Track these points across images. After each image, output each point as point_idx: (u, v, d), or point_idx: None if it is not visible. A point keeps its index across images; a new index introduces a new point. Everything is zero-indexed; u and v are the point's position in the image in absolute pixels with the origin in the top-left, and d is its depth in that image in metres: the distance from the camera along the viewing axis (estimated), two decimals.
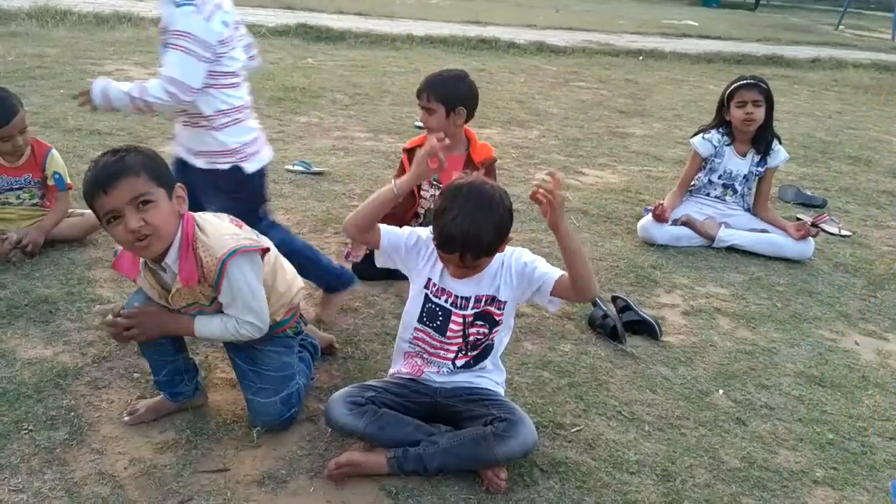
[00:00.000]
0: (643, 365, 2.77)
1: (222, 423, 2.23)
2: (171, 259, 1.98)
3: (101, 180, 1.84)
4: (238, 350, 2.21)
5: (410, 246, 2.15)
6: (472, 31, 10.91)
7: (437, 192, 3.10)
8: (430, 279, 2.14)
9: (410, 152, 3.34)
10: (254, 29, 9.31)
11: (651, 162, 5.50)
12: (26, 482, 1.92)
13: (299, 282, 2.33)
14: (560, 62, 9.68)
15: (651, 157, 5.64)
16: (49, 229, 3.19)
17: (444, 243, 1.98)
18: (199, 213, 2.08)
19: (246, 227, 2.13)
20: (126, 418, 2.17)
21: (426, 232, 2.15)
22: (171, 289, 2.03)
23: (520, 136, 5.89)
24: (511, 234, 2.06)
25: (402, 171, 3.38)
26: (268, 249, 2.13)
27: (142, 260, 2.03)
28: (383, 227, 2.14)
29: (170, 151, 2.71)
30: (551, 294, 2.10)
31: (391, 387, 2.19)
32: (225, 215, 2.14)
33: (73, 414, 2.19)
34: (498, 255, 2.11)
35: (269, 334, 2.17)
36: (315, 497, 1.97)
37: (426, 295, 2.15)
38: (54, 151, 3.33)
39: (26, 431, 2.10)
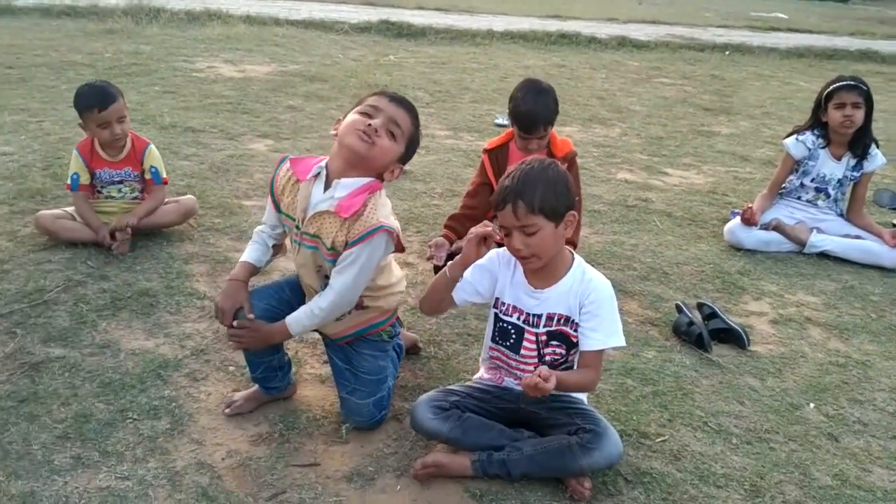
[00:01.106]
0: (730, 375, 2.72)
1: (312, 418, 2.30)
2: (344, 183, 2.09)
3: (395, 98, 2.13)
4: (336, 349, 2.29)
5: (478, 280, 2.15)
6: (553, 25, 10.82)
7: None
8: (498, 298, 2.15)
9: (491, 153, 3.36)
10: (336, 25, 9.55)
11: (738, 162, 5.36)
12: (131, 470, 2.03)
13: (401, 286, 2.38)
14: (642, 57, 9.51)
15: (738, 157, 5.49)
16: (142, 216, 3.33)
17: (499, 200, 1.98)
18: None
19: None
20: (226, 410, 2.27)
21: (487, 257, 2.13)
22: (311, 210, 2.11)
23: (601, 135, 5.82)
24: (574, 211, 2.01)
25: (482, 172, 3.40)
26: (403, 250, 2.23)
27: (314, 171, 2.14)
28: (454, 294, 2.15)
29: None
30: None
31: (474, 391, 2.22)
32: None
33: (173, 404, 2.30)
34: (576, 274, 2.09)
35: (365, 335, 2.23)
36: (402, 496, 2.01)
37: (496, 314, 2.17)
38: (152, 146, 3.48)
39: (131, 420, 2.22)
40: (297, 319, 2.17)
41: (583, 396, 2.25)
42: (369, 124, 2.03)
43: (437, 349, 2.73)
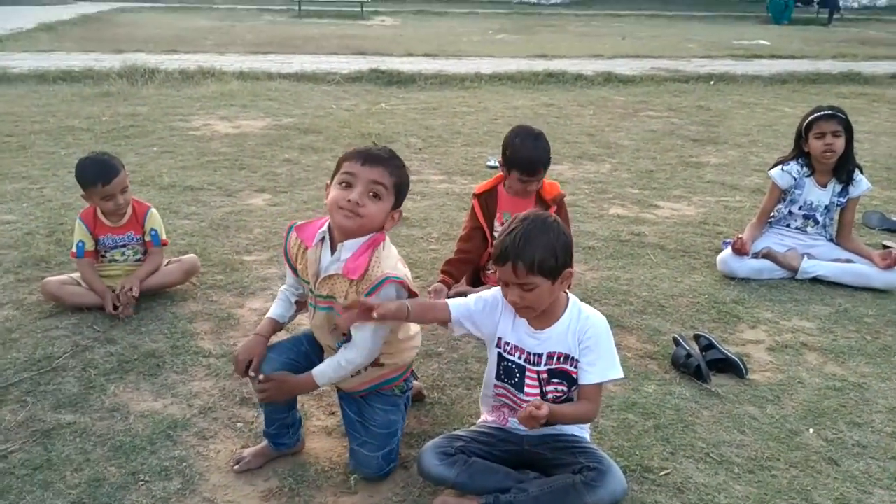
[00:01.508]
0: (730, 405, 2.76)
1: (321, 470, 2.34)
2: (348, 245, 2.16)
3: (368, 158, 2.15)
4: (350, 401, 2.36)
5: (479, 311, 2.22)
6: (539, 65, 11.02)
7: None
8: (500, 338, 2.21)
9: (480, 198, 3.47)
10: (328, 77, 9.73)
11: (728, 192, 5.46)
12: None
13: (417, 341, 2.45)
14: (629, 91, 9.68)
15: (727, 186, 5.59)
16: (142, 278, 3.41)
17: (498, 256, 2.05)
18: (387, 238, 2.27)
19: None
20: (235, 467, 2.31)
21: (491, 293, 2.23)
22: (321, 273, 2.20)
23: (591, 171, 5.93)
24: (571, 268, 2.08)
25: (472, 217, 3.49)
26: (416, 296, 2.28)
27: (318, 236, 2.22)
28: (450, 302, 2.23)
29: None
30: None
31: (479, 436, 2.26)
32: None
33: (184, 464, 2.35)
34: (573, 313, 2.16)
35: (378, 390, 2.30)
36: None
37: (499, 353, 2.23)
38: (153, 210, 3.57)
39: (143, 482, 2.26)
40: (323, 372, 2.24)
41: (586, 434, 2.30)
42: (349, 199, 2.10)
43: (441, 394, 2.78)
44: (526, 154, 3.25)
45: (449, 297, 3.30)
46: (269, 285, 3.64)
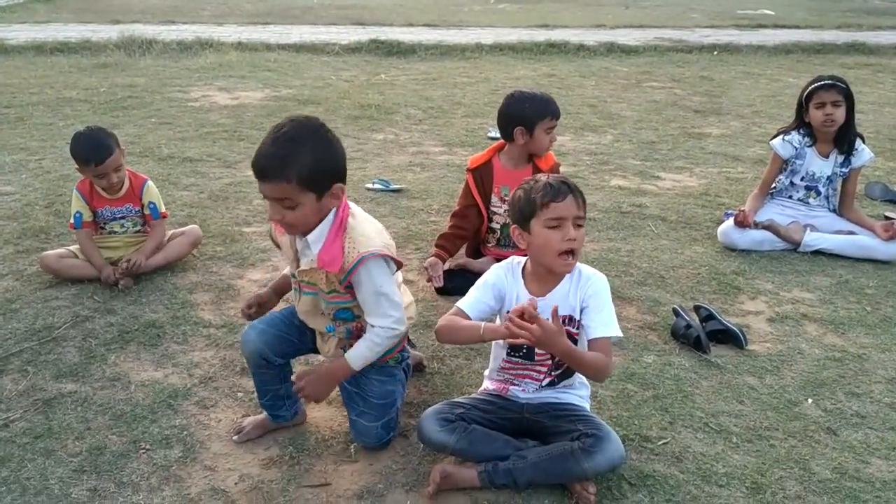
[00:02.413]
0: (729, 375, 2.77)
1: (321, 439, 2.36)
2: (313, 237, 2.13)
3: (258, 169, 2.02)
4: None
5: (491, 298, 2.21)
6: (541, 35, 10.91)
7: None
8: (507, 312, 2.21)
9: (475, 172, 3.43)
10: (327, 47, 9.65)
11: (730, 163, 5.42)
12: (147, 499, 2.08)
13: (411, 311, 2.44)
14: (631, 62, 9.59)
15: (729, 157, 5.56)
16: (149, 253, 3.40)
17: (557, 189, 2.07)
18: (355, 207, 2.22)
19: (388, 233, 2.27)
20: (234, 437, 2.33)
21: (491, 274, 2.24)
22: (300, 262, 2.20)
23: (593, 142, 5.89)
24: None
25: (467, 192, 3.46)
26: (401, 265, 2.25)
27: None
28: (464, 306, 2.19)
29: None
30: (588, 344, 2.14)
31: (479, 403, 2.27)
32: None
33: (185, 433, 2.36)
34: (573, 275, 2.16)
35: (375, 362, 2.29)
36: None
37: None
38: (150, 182, 3.55)
39: (144, 451, 2.27)
40: (358, 355, 2.19)
41: (586, 404, 2.30)
42: (272, 219, 2.14)
43: (441, 364, 2.79)
44: (546, 97, 3.28)
45: (447, 270, 3.33)
46: (269, 256, 3.64)
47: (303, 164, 1.97)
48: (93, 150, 3.27)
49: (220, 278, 3.43)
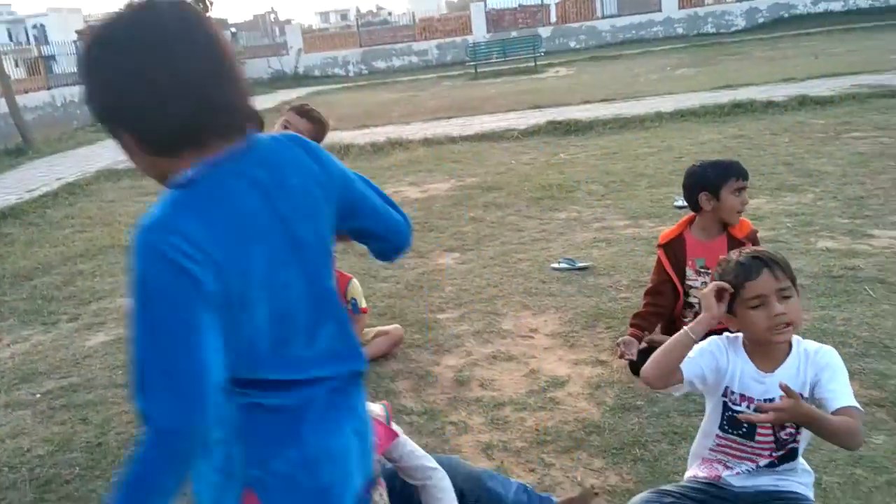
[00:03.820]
0: None
1: None
2: None
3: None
4: None
5: (707, 365, 2.10)
6: (724, 96, 10.58)
7: (706, 279, 3.07)
8: (727, 387, 2.09)
9: (667, 248, 3.34)
10: (507, 133, 9.98)
11: None
12: None
13: None
14: (827, 114, 8.99)
15: None
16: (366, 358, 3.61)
17: (748, 268, 1.96)
18: None
19: None
20: None
21: (713, 343, 2.11)
22: None
23: (793, 203, 5.54)
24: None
25: (660, 269, 3.37)
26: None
27: None
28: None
29: None
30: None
31: (689, 491, 2.15)
32: None
33: None
34: (800, 353, 2.01)
35: None
36: None
37: (724, 403, 2.10)
38: (354, 280, 3.79)
39: None
40: None
41: (809, 493, 2.11)
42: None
43: (643, 450, 2.68)
44: (727, 161, 3.22)
45: (642, 349, 3.23)
46: (463, 342, 3.74)
47: None
48: None
49: (419, 365, 3.57)
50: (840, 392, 1.93)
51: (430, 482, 2.25)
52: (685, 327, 2.02)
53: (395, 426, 2.30)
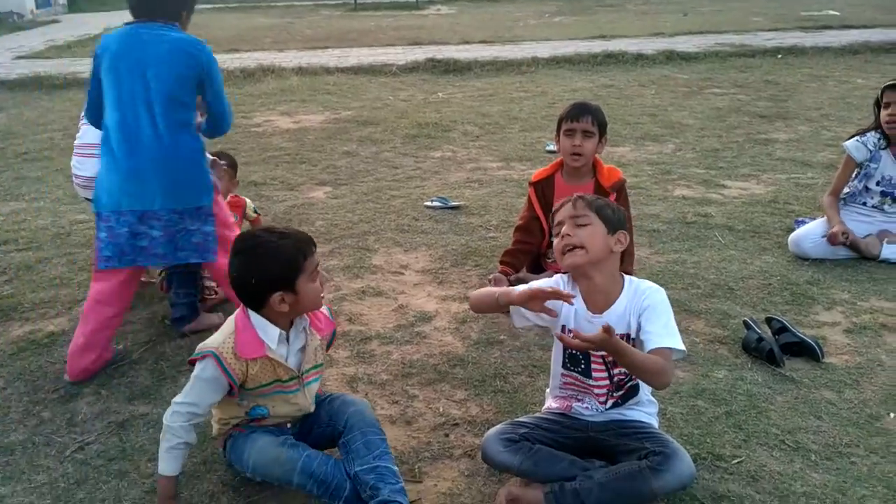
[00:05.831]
0: (805, 390, 2.65)
1: None
2: (296, 327, 2.20)
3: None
4: None
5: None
6: (598, 46, 10.82)
7: None
8: (564, 325, 2.17)
9: (537, 186, 3.40)
10: (385, 68, 9.77)
11: (799, 168, 5.25)
12: None
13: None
14: (692, 69, 9.41)
15: (798, 163, 5.38)
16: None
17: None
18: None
19: None
20: None
21: (552, 280, 2.21)
22: (305, 355, 2.21)
23: (654, 152, 5.79)
24: (623, 233, 2.13)
25: (529, 204, 3.43)
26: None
27: (268, 344, 2.11)
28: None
29: None
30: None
31: (543, 422, 2.23)
32: None
33: None
34: (629, 292, 2.11)
35: None
36: None
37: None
38: (249, 201, 3.65)
39: (215, 472, 2.31)
40: None
41: (654, 421, 2.24)
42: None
43: (503, 382, 2.76)
44: (574, 103, 3.30)
45: (509, 286, 3.29)
46: (332, 277, 3.68)
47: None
48: None
49: None
50: (656, 333, 2.04)
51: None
52: (497, 292, 2.14)
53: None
